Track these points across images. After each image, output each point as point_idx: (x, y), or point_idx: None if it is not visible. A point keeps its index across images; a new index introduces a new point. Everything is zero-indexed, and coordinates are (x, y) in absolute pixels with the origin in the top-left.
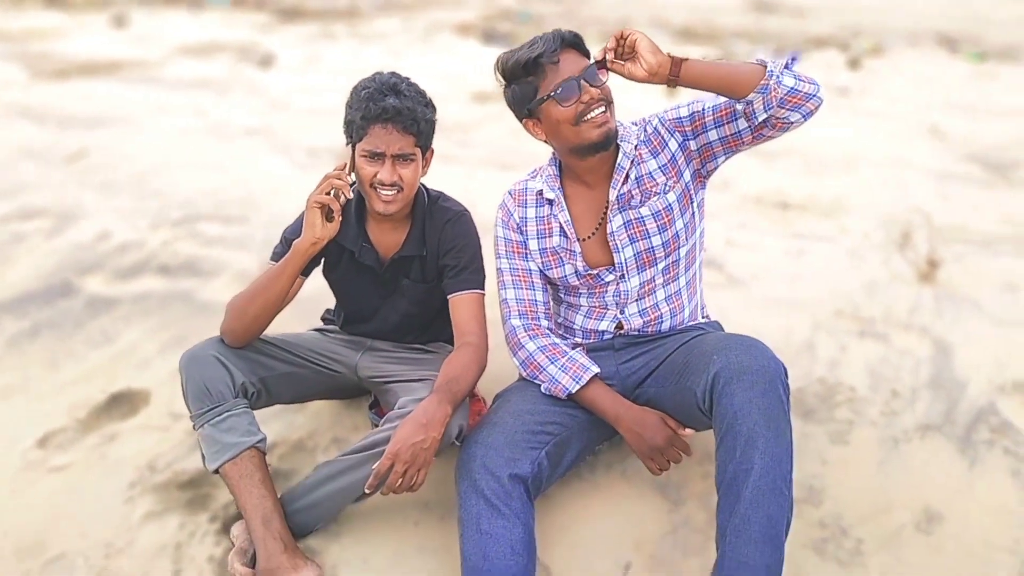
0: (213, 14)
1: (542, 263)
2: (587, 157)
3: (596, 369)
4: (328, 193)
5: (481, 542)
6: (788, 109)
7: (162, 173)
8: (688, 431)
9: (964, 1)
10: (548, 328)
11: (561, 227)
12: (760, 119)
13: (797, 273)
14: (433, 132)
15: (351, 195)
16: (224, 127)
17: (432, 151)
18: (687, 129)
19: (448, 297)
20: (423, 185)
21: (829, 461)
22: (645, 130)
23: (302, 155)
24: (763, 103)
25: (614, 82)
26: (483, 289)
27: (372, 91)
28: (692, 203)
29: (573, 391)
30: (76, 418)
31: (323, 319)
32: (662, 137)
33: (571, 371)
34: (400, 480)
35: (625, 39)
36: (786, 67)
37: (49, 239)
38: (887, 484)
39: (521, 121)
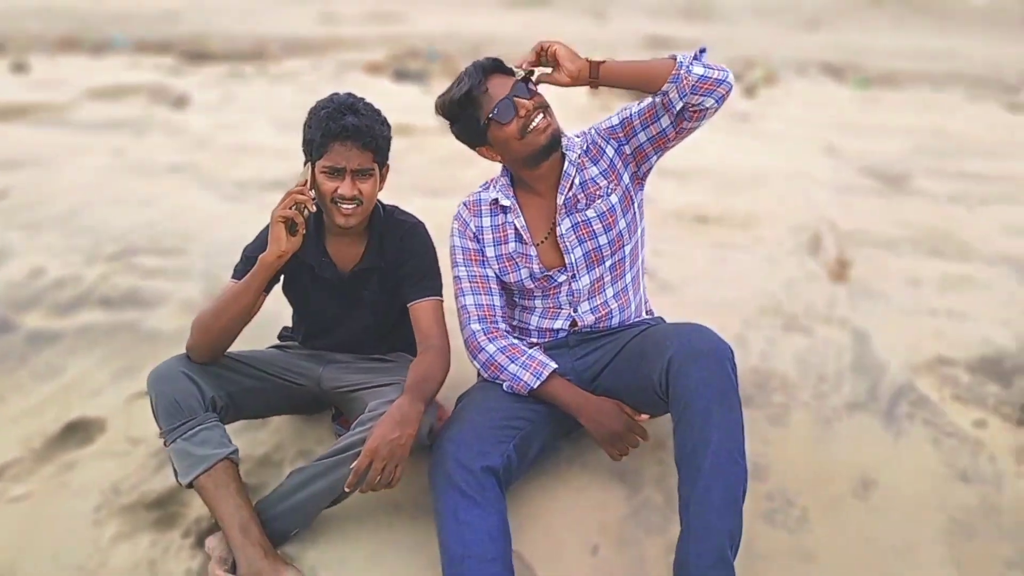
0: (116, 58)
1: (498, 268)
2: (540, 163)
3: (555, 365)
4: (292, 207)
5: (459, 531)
6: (701, 95)
7: (89, 211)
8: (644, 416)
9: (844, 35)
10: (505, 331)
11: (517, 232)
12: (677, 108)
13: (722, 278)
14: (389, 148)
15: (314, 208)
16: (146, 165)
17: (388, 167)
18: (620, 135)
19: (408, 305)
20: (378, 200)
21: (770, 441)
22: (587, 140)
23: (231, 188)
24: (677, 92)
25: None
26: (442, 296)
27: (331, 110)
28: (632, 204)
29: (535, 387)
30: (31, 448)
31: (280, 337)
32: (600, 146)
33: (531, 368)
34: (379, 477)
35: (545, 51)
36: (695, 58)
37: None
38: (824, 458)
39: (475, 150)
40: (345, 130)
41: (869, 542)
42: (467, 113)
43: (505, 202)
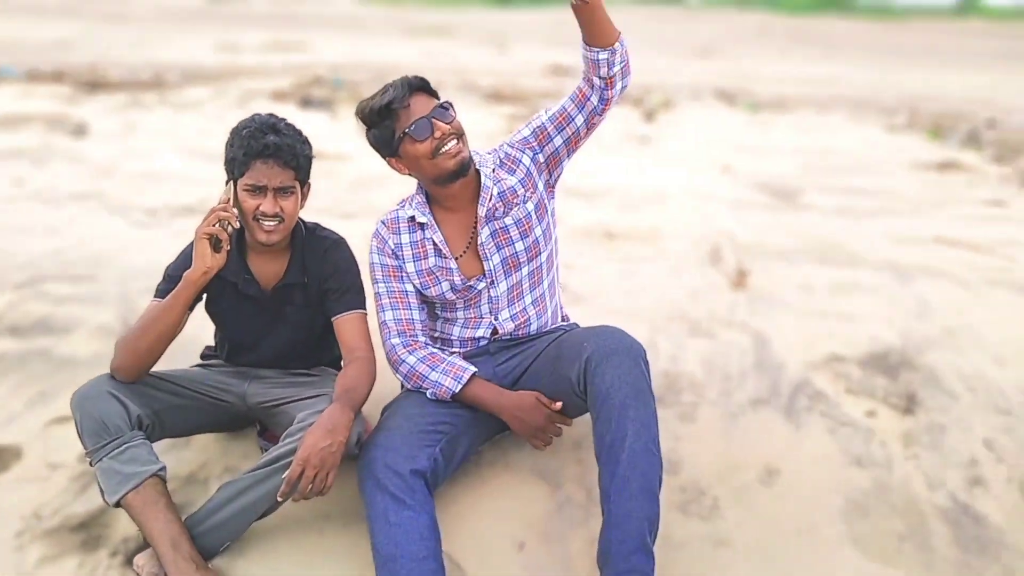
0: (6, 88)
1: (420, 283)
2: (448, 185)
3: (474, 369)
4: (216, 224)
5: (391, 532)
6: (622, 75)
7: None
8: (559, 403)
9: (734, 63)
10: (425, 343)
11: (436, 247)
12: (604, 75)
13: (630, 288)
14: (310, 167)
15: (238, 224)
16: (49, 193)
17: (309, 185)
18: (534, 144)
19: (333, 319)
20: (300, 217)
21: (682, 437)
22: (498, 155)
23: (141, 215)
24: (619, 57)
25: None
26: (365, 309)
27: (253, 130)
28: (547, 212)
29: (457, 391)
30: None
31: (203, 356)
32: (514, 157)
33: (452, 374)
34: (311, 485)
35: None
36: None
37: None
38: (731, 450)
39: (385, 159)
40: (267, 148)
41: (775, 525)
42: (385, 123)
43: (422, 219)
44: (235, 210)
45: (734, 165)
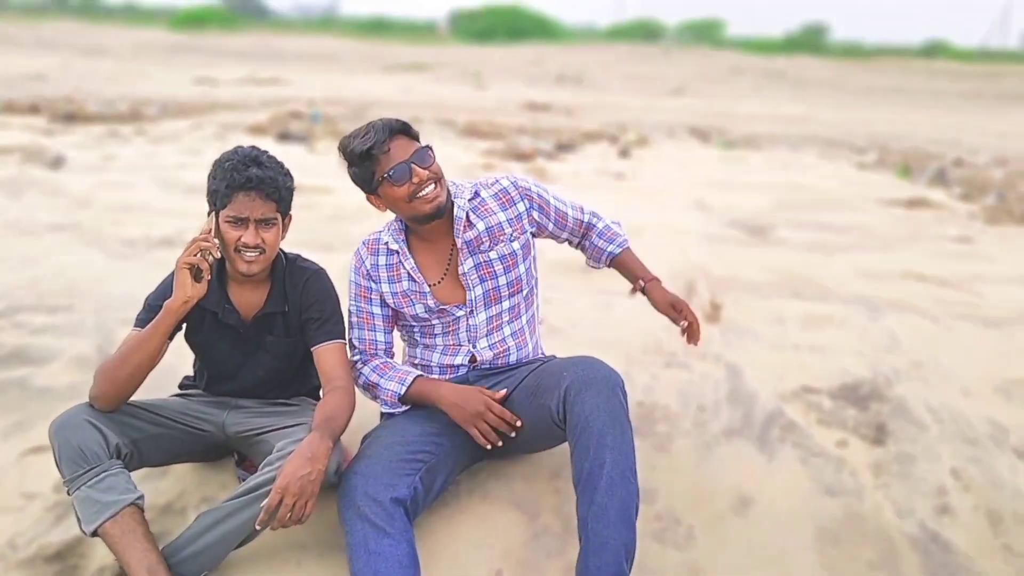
0: None
1: (394, 303)
2: (424, 224)
3: (418, 372)
4: (197, 254)
5: (371, 561)
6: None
7: None
8: (502, 392)
9: (708, 101)
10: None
11: (408, 273)
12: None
13: (606, 321)
14: (292, 199)
15: (219, 254)
16: (25, 225)
17: (290, 217)
18: (534, 200)
19: (312, 349)
20: (280, 248)
21: (657, 467)
22: (493, 187)
23: (118, 246)
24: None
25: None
26: (344, 339)
27: (235, 162)
28: (531, 253)
29: (402, 393)
30: None
31: (181, 386)
32: (511, 196)
33: (397, 378)
34: (290, 513)
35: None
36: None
37: None
38: (706, 479)
39: (366, 196)
40: (249, 181)
41: (749, 553)
42: (365, 164)
43: (394, 246)
44: (216, 241)
45: (708, 201)
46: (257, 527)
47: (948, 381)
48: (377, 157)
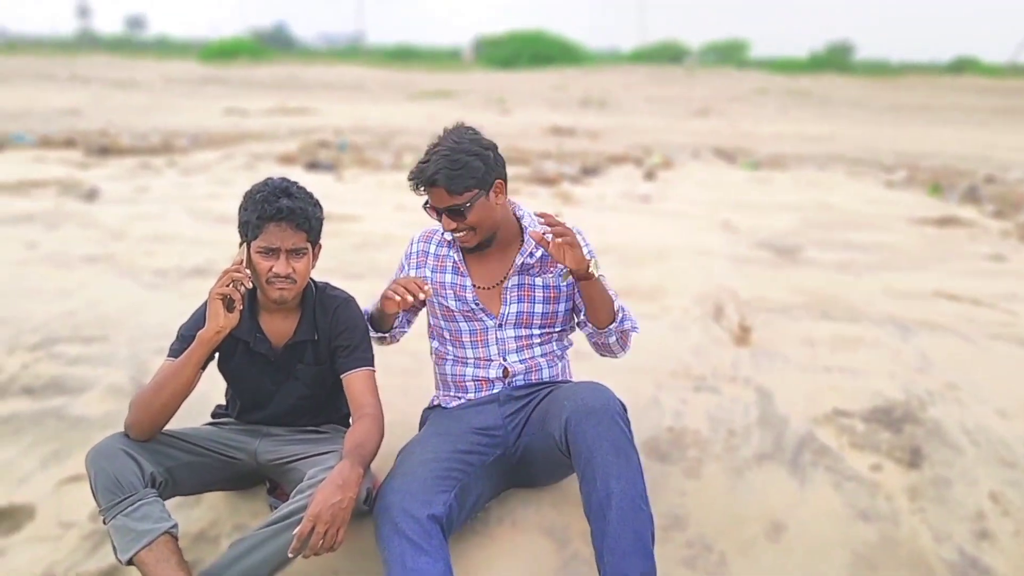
0: (20, 154)
1: (434, 291)
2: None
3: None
4: (229, 285)
5: None
6: (605, 347)
7: (5, 302)
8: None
9: (732, 122)
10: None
11: (455, 265)
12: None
13: (634, 345)
14: (321, 228)
15: (250, 284)
16: (61, 257)
17: (320, 245)
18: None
19: (342, 376)
20: (311, 277)
21: (687, 492)
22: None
23: (151, 277)
24: (590, 335)
25: None
26: (374, 366)
27: (266, 194)
28: (572, 298)
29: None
30: None
31: (214, 415)
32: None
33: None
34: (322, 540)
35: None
36: (630, 329)
37: None
38: (737, 505)
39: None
40: (280, 212)
41: None
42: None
43: (449, 238)
44: (248, 271)
45: (735, 222)
46: (290, 555)
47: (984, 402)
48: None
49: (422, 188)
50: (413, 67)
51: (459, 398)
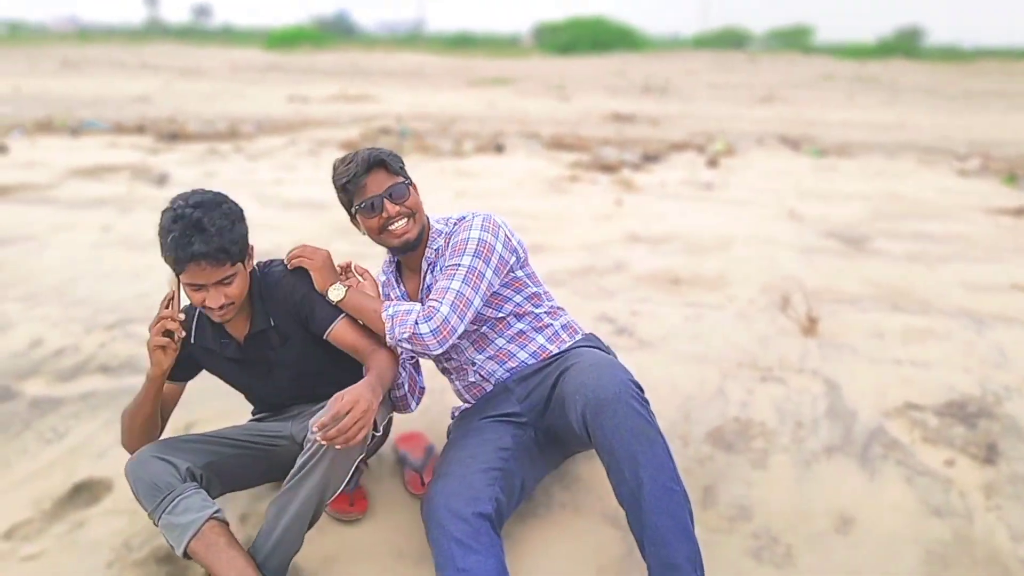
0: (94, 140)
1: None
2: (399, 255)
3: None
4: (163, 335)
5: None
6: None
7: (82, 283)
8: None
9: (797, 108)
10: None
11: (394, 282)
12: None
13: (698, 334)
14: (246, 242)
15: (183, 333)
16: (134, 240)
17: (251, 248)
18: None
19: (325, 337)
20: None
21: (753, 483)
22: (453, 236)
23: None
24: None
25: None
26: (342, 312)
27: (177, 236)
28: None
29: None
30: (41, 509)
31: (253, 413)
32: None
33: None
34: (343, 433)
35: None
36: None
37: None
38: (805, 497)
39: (350, 219)
40: (195, 256)
41: (852, 575)
42: (344, 195)
43: (383, 277)
44: (181, 316)
45: (801, 211)
46: (314, 433)
47: None
48: (352, 191)
49: (362, 180)
50: (472, 54)
51: (469, 404)
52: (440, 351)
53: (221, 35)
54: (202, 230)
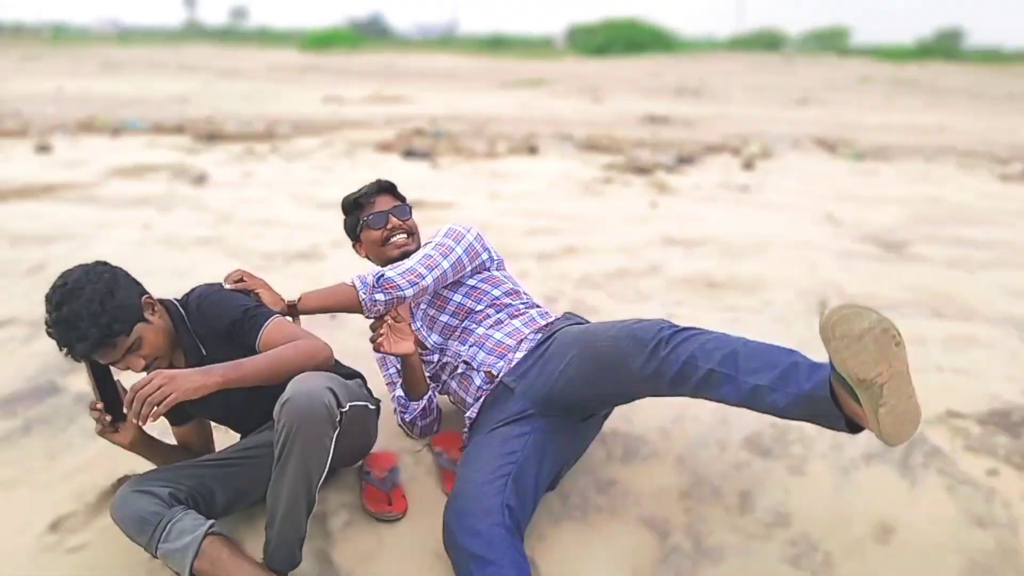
0: (134, 139)
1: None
2: None
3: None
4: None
5: None
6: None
7: None
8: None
9: (835, 111)
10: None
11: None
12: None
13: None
14: (132, 306)
15: (108, 418)
16: (175, 238)
17: (146, 299)
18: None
19: (256, 344)
20: (173, 302)
21: (791, 490)
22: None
23: (257, 258)
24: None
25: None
26: (275, 312)
27: (58, 340)
28: (463, 280)
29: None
30: (86, 502)
31: None
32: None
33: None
34: (144, 401)
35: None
36: (375, 287)
37: (26, 345)
38: (844, 504)
39: (353, 245)
40: (84, 355)
41: None
42: (353, 214)
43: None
44: (100, 412)
45: (838, 215)
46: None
47: None
48: (363, 205)
49: (372, 197)
50: (505, 55)
51: (474, 409)
52: (410, 291)
53: (258, 36)
54: (75, 327)
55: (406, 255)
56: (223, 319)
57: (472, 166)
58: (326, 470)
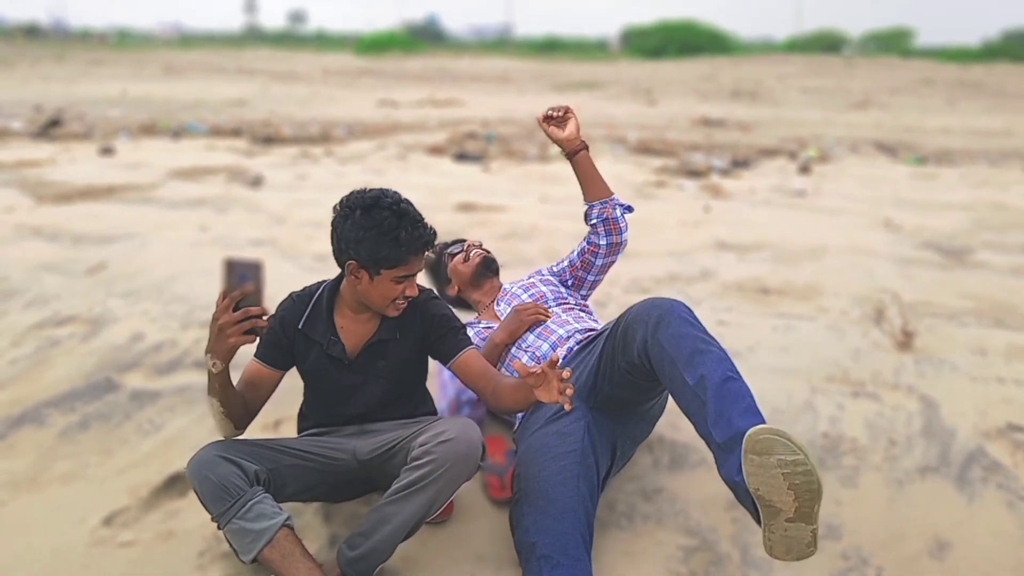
0: (193, 142)
1: None
2: (472, 288)
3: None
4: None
5: None
6: (604, 231)
7: (181, 280)
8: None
9: (895, 114)
10: None
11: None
12: (590, 223)
13: (787, 346)
14: None
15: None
16: (230, 239)
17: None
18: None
19: (451, 363)
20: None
21: (843, 502)
22: None
23: (310, 260)
24: (598, 212)
25: None
26: (472, 344)
27: (409, 228)
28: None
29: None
30: (138, 498)
31: (301, 430)
32: None
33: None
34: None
35: (564, 112)
36: (624, 206)
37: (85, 342)
38: (897, 518)
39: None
40: (426, 245)
41: None
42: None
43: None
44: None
45: (897, 221)
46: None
47: None
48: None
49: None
50: (560, 58)
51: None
52: (625, 235)
53: (315, 40)
54: (419, 221)
55: (477, 274)
56: (450, 320)
57: (523, 169)
58: (444, 505)
